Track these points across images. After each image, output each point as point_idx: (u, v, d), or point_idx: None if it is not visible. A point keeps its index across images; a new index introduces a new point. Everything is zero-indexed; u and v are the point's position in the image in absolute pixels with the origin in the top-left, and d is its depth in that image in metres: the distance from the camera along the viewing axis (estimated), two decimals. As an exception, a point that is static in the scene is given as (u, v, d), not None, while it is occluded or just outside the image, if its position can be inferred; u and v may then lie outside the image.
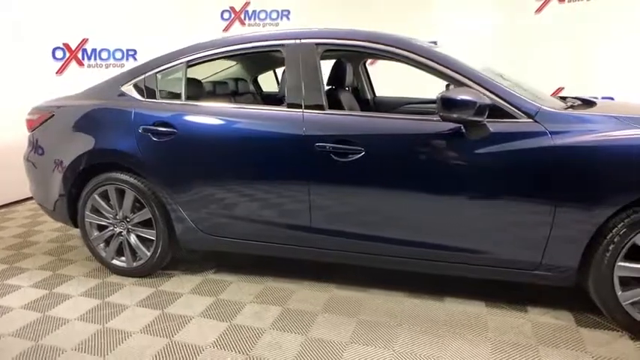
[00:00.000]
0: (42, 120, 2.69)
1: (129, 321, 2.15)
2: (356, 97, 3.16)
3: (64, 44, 4.75)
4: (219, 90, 2.99)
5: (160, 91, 2.48)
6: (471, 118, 1.81)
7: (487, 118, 1.87)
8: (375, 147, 2.02)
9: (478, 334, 1.95)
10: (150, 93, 2.49)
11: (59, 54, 4.73)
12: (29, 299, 2.38)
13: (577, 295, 2.08)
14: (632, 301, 1.84)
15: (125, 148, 2.42)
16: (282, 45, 2.26)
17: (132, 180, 2.45)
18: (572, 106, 2.10)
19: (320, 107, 2.15)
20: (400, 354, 1.83)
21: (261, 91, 3.76)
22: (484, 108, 1.81)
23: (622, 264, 1.81)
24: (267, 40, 2.34)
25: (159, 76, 2.50)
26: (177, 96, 2.47)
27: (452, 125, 1.89)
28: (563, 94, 5.20)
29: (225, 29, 6.18)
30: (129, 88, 2.53)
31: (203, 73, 3.32)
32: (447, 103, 1.81)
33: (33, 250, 3.10)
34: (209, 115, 2.32)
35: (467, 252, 2.01)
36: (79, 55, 4.89)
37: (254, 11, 6.22)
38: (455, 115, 1.82)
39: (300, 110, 2.16)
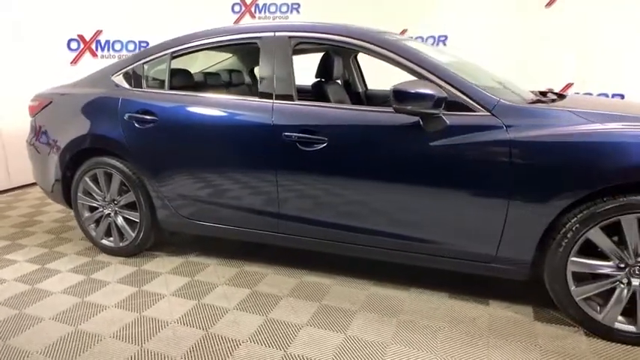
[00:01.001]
0: (41, 106, 2.87)
1: (106, 296, 2.29)
2: (347, 90, 3.21)
3: (78, 36, 4.98)
4: (210, 81, 3.09)
5: (146, 80, 2.61)
6: (425, 110, 1.84)
7: (448, 111, 1.90)
8: (337, 137, 2.07)
9: (432, 324, 1.99)
10: (137, 82, 2.62)
11: (74, 45, 4.97)
12: (22, 273, 2.57)
13: (545, 291, 2.08)
14: (585, 296, 1.84)
15: (112, 134, 2.56)
16: (259, 38, 2.34)
17: (118, 164, 2.59)
18: (539, 101, 2.08)
19: (289, 98, 2.21)
20: (351, 338, 1.90)
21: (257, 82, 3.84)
22: (439, 101, 1.83)
23: (575, 259, 1.80)
24: (245, 33, 2.42)
25: (145, 66, 2.62)
26: (162, 85, 2.59)
27: (410, 117, 1.92)
28: (572, 90, 5.09)
29: (236, 22, 6.30)
30: (119, 78, 2.67)
31: (203, 64, 3.45)
32: (399, 96, 1.84)
33: (36, 228, 3.32)
34: (188, 104, 2.42)
35: (424, 242, 2.04)
36: (93, 47, 5.11)
37: (264, 4, 6.30)
38: (408, 108, 1.85)
39: (271, 100, 2.23)
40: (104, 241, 2.79)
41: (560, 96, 2.44)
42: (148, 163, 2.51)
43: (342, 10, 5.78)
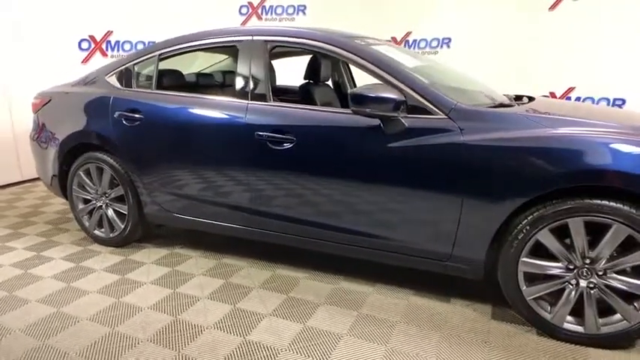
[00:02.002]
0: (42, 104, 3.06)
1: (91, 282, 2.45)
2: (337, 91, 3.30)
3: (89, 36, 5.21)
4: (200, 81, 3.23)
5: (136, 80, 2.76)
6: (383, 113, 1.92)
7: (410, 114, 1.98)
8: (305, 137, 2.17)
9: (390, 318, 2.06)
10: (127, 82, 2.77)
11: (85, 45, 5.20)
12: (18, 259, 2.75)
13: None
14: (535, 296, 1.88)
15: (103, 131, 2.72)
16: (239, 41, 2.45)
17: (109, 159, 2.75)
18: (501, 105, 2.13)
19: (263, 98, 2.32)
20: (309, 328, 1.99)
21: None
22: (397, 104, 1.91)
23: (526, 260, 1.85)
24: (226, 36, 2.53)
25: (136, 67, 2.77)
26: (150, 85, 2.73)
27: (371, 119, 2.00)
28: (574, 94, 5.05)
29: (243, 24, 6.45)
30: (112, 78, 2.83)
31: (203, 64, 3.59)
32: (355, 99, 1.93)
33: (38, 219, 3.52)
34: (171, 104, 2.55)
35: (383, 239, 2.12)
36: (104, 47, 5.33)
37: (271, 6, 6.42)
38: (367, 110, 1.93)
39: (246, 101, 2.34)
40: (96, 232, 2.95)
41: (530, 99, 2.48)
42: (135, 159, 2.65)
43: (348, 12, 5.87)
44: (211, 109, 2.44)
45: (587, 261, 1.77)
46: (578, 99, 5.03)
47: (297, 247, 2.40)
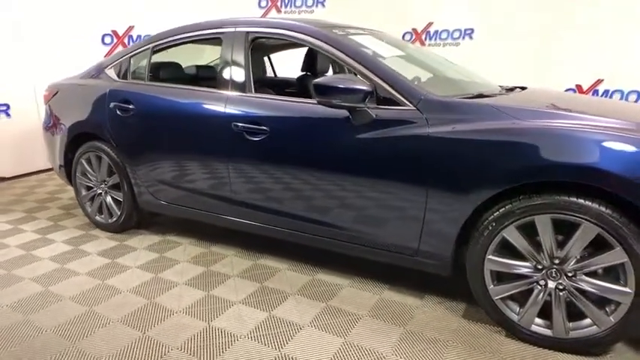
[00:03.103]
0: (51, 95, 3.24)
1: (83, 264, 2.58)
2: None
3: (112, 31, 5.44)
4: (193, 73, 3.23)
5: (131, 72, 2.86)
6: (349, 103, 1.89)
7: (383, 104, 1.94)
8: (277, 128, 2.17)
9: (357, 312, 2.04)
10: (124, 74, 2.88)
11: (108, 40, 5.43)
12: (24, 241, 2.94)
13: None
14: (502, 296, 1.81)
15: (100, 120, 2.84)
16: (222, 33, 2.49)
17: (106, 148, 2.87)
18: (479, 95, 2.04)
19: (243, 89, 2.34)
20: (274, 317, 2.01)
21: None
22: (362, 94, 1.87)
23: (492, 257, 1.78)
24: (212, 28, 2.56)
25: (132, 60, 2.87)
26: (144, 77, 2.82)
27: (340, 110, 1.98)
28: (602, 86, 4.76)
29: (263, 16, 6.50)
30: (110, 70, 2.95)
31: (209, 57, 3.66)
32: (319, 90, 1.91)
33: (53, 204, 3.74)
34: (159, 95, 2.63)
35: (354, 232, 2.09)
36: (126, 41, 5.55)
37: (290, -1, 6.44)
38: (333, 101, 1.91)
39: (226, 92, 2.38)
40: (97, 218, 3.10)
41: (522, 89, 2.36)
42: (127, 148, 2.76)
43: (368, 3, 5.78)
44: (196, 100, 2.49)
45: (556, 261, 1.68)
46: (606, 92, 4.74)
47: (273, 237, 2.41)
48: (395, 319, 1.99)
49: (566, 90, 4.83)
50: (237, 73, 2.37)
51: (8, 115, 4.58)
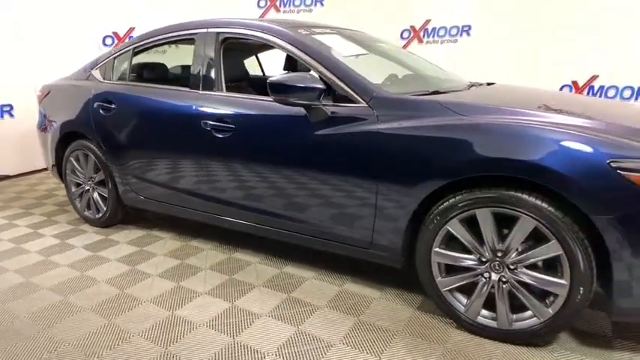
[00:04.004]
0: (44, 96, 3.39)
1: (66, 258, 2.71)
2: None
3: (113, 32, 5.61)
4: (172, 73, 3.30)
5: (115, 73, 2.98)
6: (303, 101, 1.96)
7: (336, 102, 2.00)
8: (242, 125, 2.25)
9: (315, 303, 2.11)
10: (108, 75, 3.00)
11: (109, 41, 5.61)
12: (16, 235, 3.10)
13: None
14: (449, 288, 1.85)
15: (85, 120, 2.97)
16: (195, 33, 2.58)
17: (92, 146, 3.00)
18: (436, 92, 2.08)
19: (212, 88, 2.43)
20: (235, 307, 2.09)
21: (247, 73, 4.09)
22: (315, 92, 1.93)
23: (438, 250, 1.83)
24: (188, 29, 2.66)
25: (115, 61, 2.99)
26: (125, 78, 2.94)
27: (296, 108, 2.04)
28: (597, 82, 4.72)
29: (261, 17, 6.60)
30: (96, 71, 3.08)
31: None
32: (274, 88, 1.98)
33: (50, 201, 3.90)
34: (137, 94, 2.74)
35: (313, 225, 2.16)
36: (126, 43, 5.71)
37: (289, -2, 6.51)
38: (289, 99, 1.98)
39: (197, 91, 2.47)
40: (86, 213, 3.24)
41: (489, 85, 2.40)
42: (110, 146, 2.88)
43: (367, 1, 5.81)
44: (170, 99, 2.58)
45: (499, 254, 1.72)
46: (601, 88, 4.69)
47: (244, 232, 2.50)
48: (351, 310, 2.05)
49: (562, 87, 4.81)
50: (208, 73, 2.46)
51: (12, 115, 4.78)
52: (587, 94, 4.75)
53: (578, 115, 1.78)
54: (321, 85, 1.95)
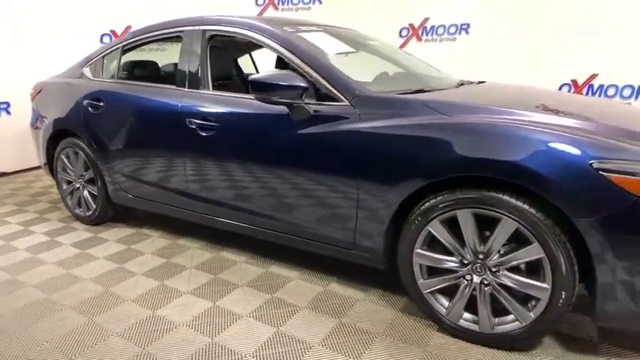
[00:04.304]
0: (36, 93, 3.39)
1: (54, 255, 2.70)
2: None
3: (110, 31, 5.61)
4: (161, 71, 3.27)
5: (105, 71, 2.97)
6: (285, 99, 1.93)
7: (319, 100, 1.97)
8: (225, 124, 2.23)
9: (298, 304, 2.09)
10: (98, 73, 2.99)
11: (106, 39, 5.60)
12: (7, 232, 3.09)
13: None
14: (430, 290, 1.82)
15: (75, 117, 2.96)
16: (182, 31, 2.56)
17: (81, 144, 2.99)
18: (420, 90, 2.04)
19: (198, 86, 2.41)
20: (217, 307, 2.07)
21: (241, 72, 4.07)
22: (300, 90, 1.91)
23: (420, 251, 1.79)
24: (175, 27, 2.64)
25: (104, 59, 2.98)
26: (114, 75, 2.93)
27: (279, 106, 2.02)
28: (597, 81, 4.66)
29: (260, 14, 6.57)
30: (87, 69, 3.07)
31: None
32: (255, 86, 1.95)
33: (44, 198, 3.91)
34: (125, 92, 2.73)
35: (296, 225, 2.14)
36: (124, 41, 5.71)
37: (287, -4, 6.48)
38: (271, 97, 1.95)
39: (183, 89, 2.45)
40: (76, 211, 3.24)
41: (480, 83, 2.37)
42: (99, 144, 2.87)
43: (365, 0, 5.77)
44: (156, 96, 2.57)
45: (480, 256, 1.68)
46: (601, 87, 4.63)
47: (229, 230, 2.48)
48: (333, 311, 2.02)
49: (561, 85, 4.75)
50: (194, 71, 2.44)
51: (9, 112, 4.80)
52: (587, 93, 4.69)
53: (568, 114, 1.74)
54: (303, 84, 1.92)
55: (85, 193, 3.13)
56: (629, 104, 4.39)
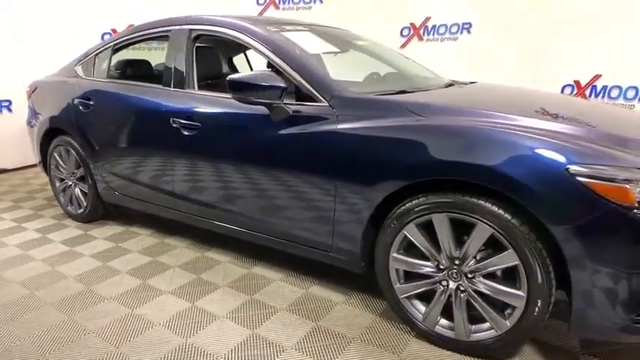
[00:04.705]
0: (31, 92, 3.42)
1: (44, 252, 2.72)
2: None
3: (112, 30, 5.65)
4: (150, 70, 3.25)
5: (96, 70, 2.98)
6: (264, 100, 1.91)
7: (299, 101, 1.95)
8: (207, 123, 2.22)
9: (275, 304, 2.07)
10: (89, 72, 3.01)
11: (107, 38, 5.65)
12: (1, 228, 3.13)
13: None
14: (407, 295, 1.79)
15: (67, 116, 2.98)
16: (169, 30, 2.55)
17: (72, 142, 3.01)
18: (402, 91, 2.01)
19: (183, 85, 2.40)
20: (195, 307, 2.06)
21: (236, 71, 4.06)
22: (279, 90, 1.89)
23: (396, 256, 1.76)
24: (162, 27, 2.63)
25: (96, 58, 2.99)
26: (105, 74, 2.94)
27: (259, 106, 2.00)
28: (600, 82, 4.57)
29: (260, 14, 6.56)
30: (78, 68, 3.08)
31: None
32: (233, 86, 1.93)
33: (41, 195, 3.95)
34: (113, 91, 2.73)
35: (275, 226, 2.12)
36: (126, 39, 5.75)
37: (288, -5, 6.46)
38: (250, 98, 1.93)
39: (168, 88, 2.44)
40: (69, 208, 3.26)
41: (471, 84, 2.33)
42: (88, 142, 2.88)
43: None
44: (142, 95, 2.56)
45: (457, 262, 1.64)
46: (604, 88, 4.54)
47: (208, 229, 2.47)
48: (310, 314, 2.00)
49: (564, 86, 4.67)
50: (180, 70, 2.44)
51: (10, 110, 4.86)
52: (590, 94, 4.61)
53: (555, 118, 1.69)
54: (282, 84, 1.90)
55: (77, 190, 3.15)
56: (632, 108, 4.30)
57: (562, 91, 4.77)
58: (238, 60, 4.09)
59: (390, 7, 5.55)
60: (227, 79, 1.95)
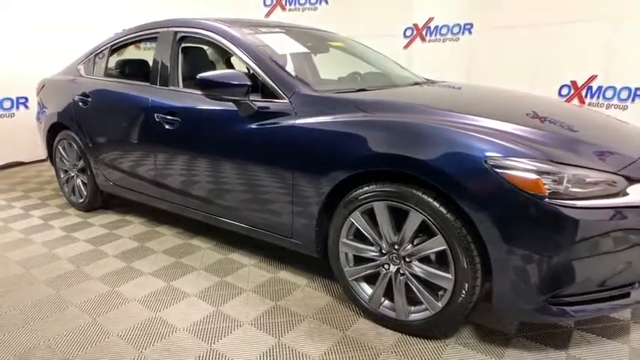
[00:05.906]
0: (40, 88, 3.69)
1: (43, 237, 2.97)
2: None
3: (123, 30, 5.93)
4: (144, 69, 3.46)
5: (94, 68, 3.22)
6: (231, 97, 2.09)
7: (264, 98, 2.12)
8: (185, 118, 2.41)
9: (240, 286, 2.25)
10: (90, 70, 3.25)
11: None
12: (8, 215, 3.41)
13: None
14: (355, 277, 1.93)
15: (68, 112, 3.23)
16: (158, 32, 2.76)
17: (74, 136, 3.26)
18: (362, 89, 2.16)
19: (167, 83, 2.60)
20: (171, 287, 2.26)
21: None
22: (245, 88, 2.06)
23: (345, 240, 1.91)
24: (153, 29, 2.84)
25: (95, 57, 3.23)
26: (103, 73, 3.17)
27: (228, 103, 2.17)
28: (595, 83, 4.59)
29: (267, 15, 6.76)
30: (81, 67, 3.33)
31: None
32: (202, 83, 2.11)
33: (50, 186, 4.24)
34: (107, 88, 2.97)
35: (245, 214, 2.29)
36: (137, 40, 6.03)
37: (294, -4, 6.62)
38: (218, 95, 2.11)
39: (155, 86, 2.65)
40: (72, 198, 3.52)
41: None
42: (87, 136, 3.12)
43: (370, 0, 5.85)
44: (131, 92, 2.78)
45: (396, 247, 1.78)
46: (599, 88, 4.55)
47: (188, 216, 2.67)
48: (272, 295, 2.16)
49: (561, 86, 4.71)
50: (165, 69, 2.64)
51: (27, 107, 5.20)
52: (586, 95, 4.62)
53: (510, 119, 1.74)
54: (247, 82, 2.07)
55: (78, 181, 3.40)
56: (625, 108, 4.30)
57: (559, 92, 4.80)
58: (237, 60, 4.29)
59: (393, 8, 5.66)
60: (197, 77, 2.13)
